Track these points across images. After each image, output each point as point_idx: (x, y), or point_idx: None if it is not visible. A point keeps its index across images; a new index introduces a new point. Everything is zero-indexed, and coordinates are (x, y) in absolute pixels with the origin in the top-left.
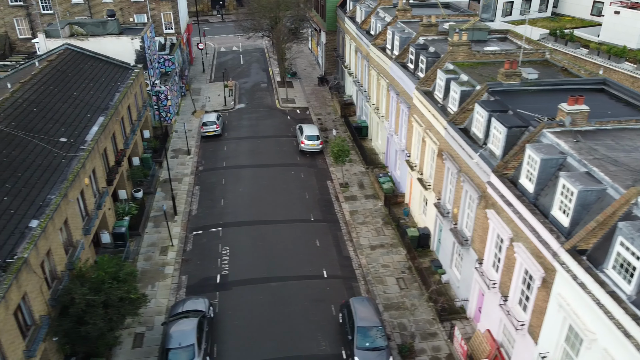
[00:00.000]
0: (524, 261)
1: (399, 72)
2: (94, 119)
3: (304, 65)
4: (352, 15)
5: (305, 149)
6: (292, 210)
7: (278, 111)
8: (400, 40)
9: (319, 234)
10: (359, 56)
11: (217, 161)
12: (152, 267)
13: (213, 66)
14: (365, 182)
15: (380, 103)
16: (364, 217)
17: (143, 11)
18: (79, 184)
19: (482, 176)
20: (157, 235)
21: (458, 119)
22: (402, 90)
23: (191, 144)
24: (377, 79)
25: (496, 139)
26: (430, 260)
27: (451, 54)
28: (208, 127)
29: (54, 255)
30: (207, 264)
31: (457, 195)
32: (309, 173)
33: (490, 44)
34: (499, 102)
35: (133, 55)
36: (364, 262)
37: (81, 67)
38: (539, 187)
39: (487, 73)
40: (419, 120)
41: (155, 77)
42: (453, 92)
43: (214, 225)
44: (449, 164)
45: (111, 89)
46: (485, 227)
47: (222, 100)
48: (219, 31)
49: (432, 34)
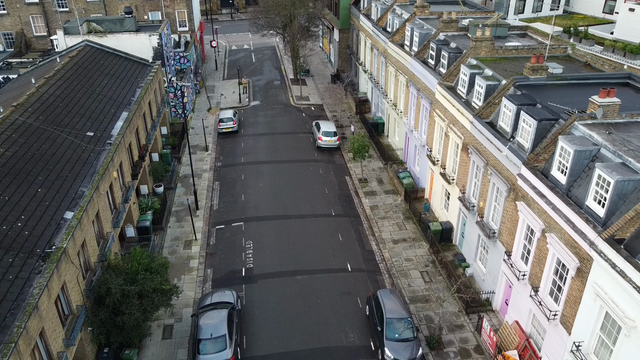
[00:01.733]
0: (557, 252)
1: (420, 68)
2: (118, 114)
3: (316, 63)
4: (367, 13)
5: (323, 145)
6: (313, 205)
7: (293, 108)
8: (420, 37)
9: (341, 229)
10: (375, 53)
11: (235, 157)
12: (177, 260)
13: (225, 64)
14: (384, 178)
15: (399, 99)
16: (385, 212)
17: (157, 9)
18: (109, 177)
19: (512, 169)
20: (180, 230)
21: (484, 113)
22: (423, 86)
23: (208, 140)
24: (395, 75)
25: (525, 132)
26: (454, 254)
27: (474, 50)
28: (225, 123)
29: (88, 246)
30: (232, 257)
31: (483, 189)
32: (327, 169)
33: (510, 39)
34: (527, 95)
35: (150, 52)
36: (387, 256)
37: (101, 63)
38: (572, 178)
39: (511, 68)
40: (441, 115)
41: (171, 74)
42: (478, 86)
43: (236, 219)
44: (475, 157)
45: (132, 85)
46: (515, 220)
47: (236, 98)
48: (229, 29)
49: (453, 30)
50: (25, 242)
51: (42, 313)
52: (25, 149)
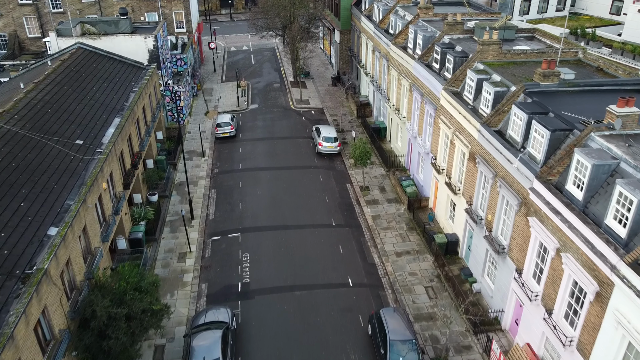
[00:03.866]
0: (574, 273)
1: (424, 72)
2: (109, 120)
3: (316, 65)
4: (369, 14)
5: (323, 151)
6: (313, 215)
7: (292, 112)
8: (424, 39)
9: (341, 240)
10: (377, 56)
11: (233, 163)
12: (171, 274)
13: (224, 66)
14: (387, 185)
15: (402, 104)
16: (387, 222)
17: (154, 10)
18: (97, 189)
19: (523, 182)
20: (174, 241)
21: (492, 121)
22: (427, 90)
23: (205, 146)
24: (397, 79)
25: (537, 143)
26: (460, 268)
27: (481, 53)
28: (222, 128)
29: (73, 264)
30: (228, 271)
31: (492, 201)
32: (327, 176)
33: (518, 43)
34: (538, 103)
35: (146, 55)
36: (390, 269)
37: (94, 66)
38: (589, 194)
39: (520, 73)
40: (447, 122)
41: (167, 76)
42: (486, 93)
43: (232, 230)
44: (482, 168)
45: (126, 89)
46: (526, 236)
47: (235, 101)
48: (228, 30)
49: (458, 32)
50: (5, 262)
51: (18, 343)
52: (9, 159)
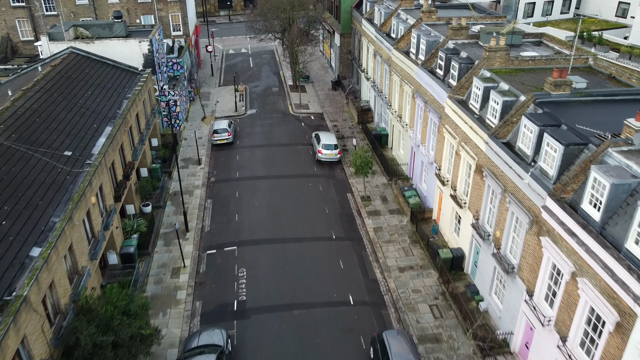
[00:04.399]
0: (591, 300)
1: (427, 79)
2: (100, 129)
3: (316, 68)
4: (370, 17)
5: (323, 159)
6: (312, 227)
7: (292, 117)
8: (427, 44)
9: (342, 254)
10: (378, 60)
11: (230, 171)
12: (164, 291)
13: (222, 69)
14: (389, 195)
15: (404, 111)
16: (390, 234)
17: (150, 12)
18: (85, 204)
19: (535, 199)
20: (168, 255)
21: (500, 133)
22: (431, 98)
23: (202, 153)
24: (400, 84)
25: (549, 157)
26: (466, 284)
27: (487, 60)
28: (219, 134)
29: (57, 287)
30: (223, 287)
31: (500, 217)
32: (327, 185)
33: (525, 48)
34: (550, 115)
35: (141, 59)
36: (393, 286)
37: (87, 72)
38: (607, 214)
39: (528, 81)
40: (452, 131)
41: (163, 81)
42: (493, 102)
43: (229, 243)
44: (490, 182)
45: (119, 96)
46: (538, 256)
47: (232, 105)
48: (227, 32)
49: (462, 37)
50: None
51: None
52: None
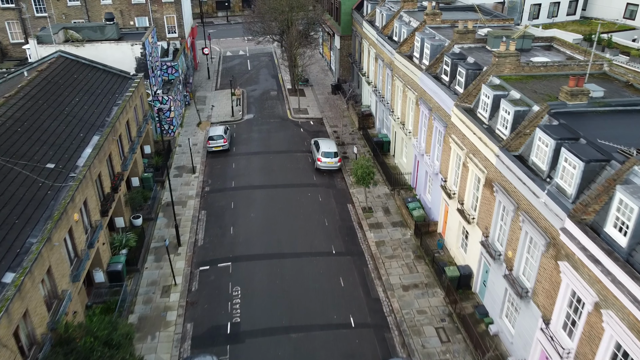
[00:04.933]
0: (618, 335)
1: (432, 85)
2: (87, 139)
3: (315, 71)
4: (371, 19)
5: (322, 167)
6: (311, 241)
7: (290, 122)
8: (432, 49)
9: (342, 270)
10: (379, 64)
11: (225, 180)
12: (153, 312)
13: (219, 72)
14: (391, 207)
15: (407, 117)
16: (393, 249)
17: (144, 14)
18: (67, 222)
19: (552, 219)
20: (158, 272)
21: (512, 145)
22: (436, 105)
23: (196, 161)
24: (403, 90)
25: (568, 174)
26: (474, 305)
27: (497, 66)
28: (215, 141)
29: (32, 316)
30: (216, 308)
31: (513, 237)
32: (327, 195)
33: (535, 53)
34: (567, 127)
35: (133, 63)
36: (397, 306)
37: (75, 77)
38: (635, 240)
39: (541, 89)
40: (459, 142)
41: (157, 86)
42: (504, 112)
43: (223, 258)
44: (502, 198)
45: (108, 102)
46: (555, 281)
47: (229, 110)
48: (225, 34)
49: (469, 41)
50: None
51: None
52: None
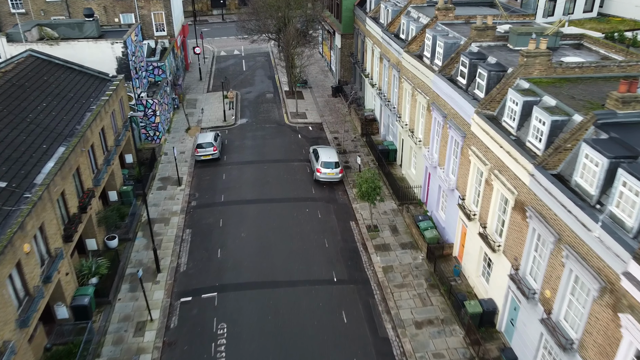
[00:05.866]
0: None
1: (448, 89)
2: (51, 151)
3: (315, 72)
4: (375, 16)
5: (322, 179)
6: (309, 266)
7: (287, 128)
8: (445, 47)
9: (345, 303)
10: (385, 64)
11: (214, 194)
12: (123, 355)
13: (212, 73)
14: (399, 225)
15: (417, 124)
16: (403, 276)
17: (130, 10)
18: (13, 256)
19: (609, 259)
20: (133, 304)
21: (550, 162)
22: (452, 112)
23: (183, 171)
24: (412, 94)
25: (627, 202)
26: (499, 347)
27: (525, 67)
28: (204, 149)
29: None
30: (198, 350)
31: (552, 273)
32: (327, 211)
33: (564, 52)
34: (620, 142)
35: (114, 63)
36: (409, 348)
37: (45, 79)
38: None
39: (579, 94)
40: (481, 155)
41: (142, 88)
42: (537, 121)
43: (208, 288)
44: (537, 225)
45: (81, 108)
46: (613, 337)
47: (221, 114)
48: (220, 33)
49: (488, 39)
50: None
51: None
52: None
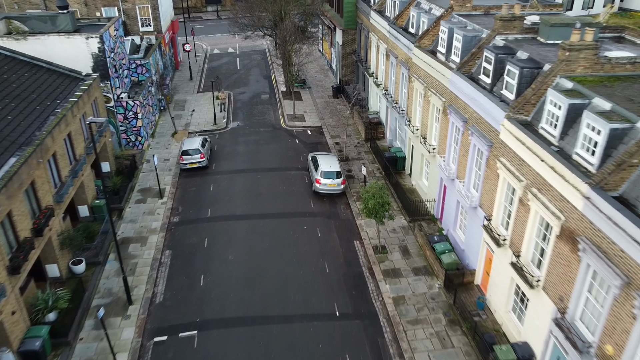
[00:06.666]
0: None
1: (469, 89)
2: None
3: (314, 71)
4: (381, 9)
5: (322, 191)
6: (307, 296)
7: (283, 132)
8: (465, 41)
9: (349, 343)
10: (392, 62)
11: (199, 208)
12: None
13: (203, 72)
14: (411, 244)
15: (430, 129)
16: (417, 309)
17: (113, 4)
18: None
19: None
20: (97, 345)
21: (609, 181)
22: (475, 116)
23: (166, 181)
24: (424, 94)
25: None
26: None
27: (567, 64)
28: (190, 157)
29: None
30: None
31: (616, 325)
32: (328, 228)
33: (607, 47)
34: None
35: (90, 60)
36: None
37: (5, 77)
38: None
39: (637, 96)
40: (514, 169)
41: (123, 88)
42: (589, 129)
43: (186, 324)
44: (594, 262)
45: (44, 111)
46: None
47: (211, 117)
48: (214, 30)
49: (515, 31)
50: None
51: None
52: None
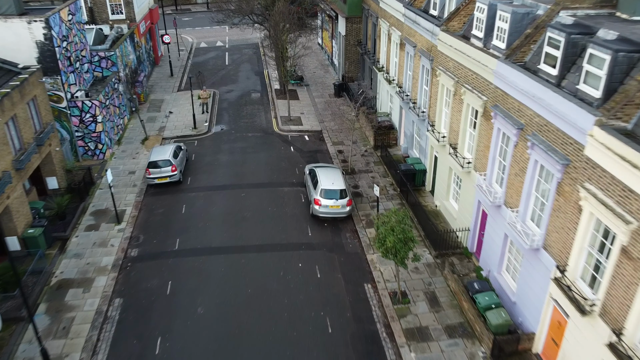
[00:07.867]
0: None
1: (528, 84)
2: None
3: (312, 66)
4: None
5: (323, 215)
6: None
7: (276, 137)
8: (514, 20)
9: None
10: (408, 52)
11: (165, 237)
12: None
13: (186, 67)
14: (440, 290)
15: (462, 137)
16: None
17: None
18: None
19: None
20: None
21: None
22: (538, 122)
23: (128, 200)
24: (454, 92)
25: None
26: None
27: None
28: (159, 170)
29: None
30: None
31: None
32: (330, 265)
33: None
34: None
35: (34, 50)
36: None
37: None
38: None
39: None
40: (611, 202)
41: (81, 85)
42: None
43: None
44: None
45: None
46: None
47: (191, 120)
48: (202, 22)
49: (585, 5)
50: None
51: None
52: None
